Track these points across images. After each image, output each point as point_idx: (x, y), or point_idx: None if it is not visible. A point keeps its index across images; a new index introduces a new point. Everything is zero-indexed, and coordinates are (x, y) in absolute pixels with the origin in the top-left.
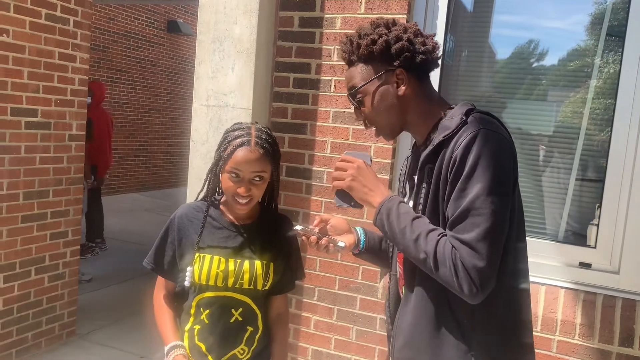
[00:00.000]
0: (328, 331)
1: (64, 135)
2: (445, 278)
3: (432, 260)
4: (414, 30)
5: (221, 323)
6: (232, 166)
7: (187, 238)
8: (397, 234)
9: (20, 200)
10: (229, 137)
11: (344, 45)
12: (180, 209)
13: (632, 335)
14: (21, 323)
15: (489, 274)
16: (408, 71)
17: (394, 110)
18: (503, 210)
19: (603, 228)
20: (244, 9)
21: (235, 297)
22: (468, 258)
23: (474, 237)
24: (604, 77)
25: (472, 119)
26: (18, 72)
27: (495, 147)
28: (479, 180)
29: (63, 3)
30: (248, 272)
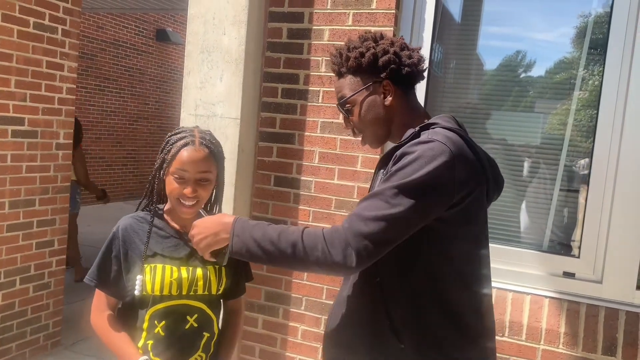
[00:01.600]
0: (315, 341)
1: (50, 144)
2: (317, 259)
3: (302, 248)
4: (401, 44)
5: (178, 332)
6: (177, 167)
7: (133, 250)
8: (258, 243)
9: (6, 209)
10: (171, 140)
11: (333, 57)
12: (123, 221)
13: (615, 344)
14: (5, 333)
15: (370, 249)
16: (394, 83)
17: (380, 119)
18: (410, 210)
19: (586, 237)
20: (232, 20)
21: (190, 304)
22: (357, 228)
23: (370, 215)
24: (589, 89)
25: (427, 131)
26: (5, 80)
27: (435, 157)
28: (403, 176)
29: (51, 12)
30: (202, 278)
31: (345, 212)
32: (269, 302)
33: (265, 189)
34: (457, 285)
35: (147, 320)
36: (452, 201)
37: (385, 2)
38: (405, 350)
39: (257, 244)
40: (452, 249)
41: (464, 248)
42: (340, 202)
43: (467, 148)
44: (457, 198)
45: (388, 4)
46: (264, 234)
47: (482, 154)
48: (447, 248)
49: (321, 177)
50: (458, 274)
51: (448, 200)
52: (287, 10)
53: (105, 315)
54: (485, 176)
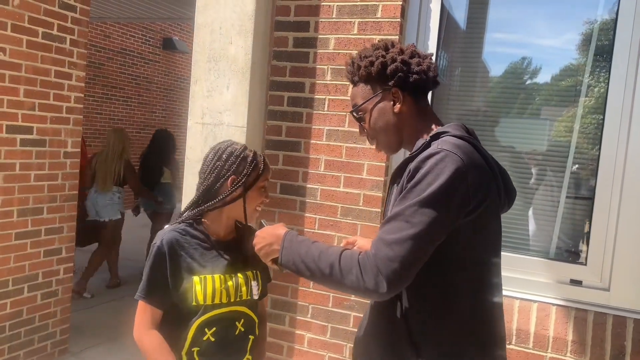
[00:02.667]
0: (322, 349)
1: (59, 152)
2: (352, 283)
3: (338, 269)
4: (411, 52)
5: (229, 338)
6: (264, 180)
7: (182, 264)
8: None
9: (15, 217)
10: (249, 157)
11: (347, 66)
12: (168, 235)
13: (623, 352)
14: (13, 341)
15: (399, 273)
16: (403, 90)
17: (391, 126)
18: (431, 224)
19: (593, 245)
20: (239, 29)
21: (237, 310)
22: (383, 253)
23: (393, 239)
24: (595, 95)
25: (437, 141)
26: (14, 89)
27: (446, 167)
28: (419, 192)
29: (60, 22)
30: (244, 284)
31: (351, 219)
32: (276, 309)
33: (271, 197)
34: (472, 294)
35: (194, 329)
36: (470, 207)
37: (390, 11)
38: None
39: (301, 260)
40: (466, 257)
41: (477, 256)
42: (346, 209)
43: (477, 155)
44: (473, 204)
45: (393, 12)
46: (307, 251)
47: (492, 162)
48: (462, 257)
49: (327, 184)
50: (472, 283)
51: (465, 206)
52: (293, 20)
53: (153, 333)
54: (496, 183)
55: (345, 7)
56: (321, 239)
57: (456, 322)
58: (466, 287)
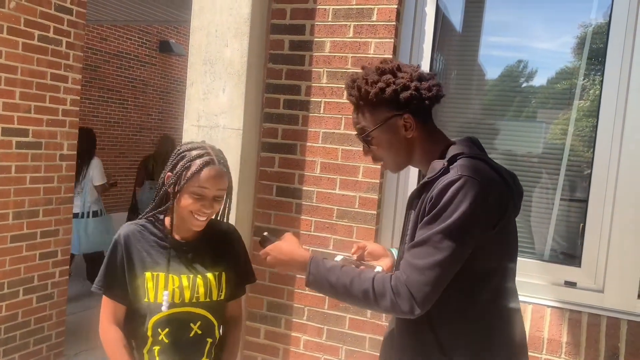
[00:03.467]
0: (318, 351)
1: (54, 155)
2: (386, 307)
3: (372, 295)
4: (418, 76)
5: (183, 339)
6: (198, 185)
7: (136, 258)
8: (332, 286)
9: (10, 220)
10: (188, 156)
11: (350, 89)
12: (125, 229)
13: (617, 354)
14: (8, 344)
15: (431, 296)
16: (415, 115)
17: (402, 150)
18: (457, 250)
19: (587, 247)
20: (235, 32)
21: (192, 312)
22: (415, 278)
23: (424, 264)
24: (590, 98)
25: (455, 165)
26: (10, 92)
27: (469, 193)
28: (445, 219)
29: (56, 25)
30: (202, 285)
31: (347, 222)
32: (271, 312)
33: (267, 199)
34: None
35: (150, 328)
36: (492, 224)
37: (385, 14)
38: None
39: (330, 287)
40: (489, 267)
41: (499, 264)
42: (342, 212)
43: (493, 173)
44: (495, 221)
45: (388, 16)
46: (337, 279)
47: (504, 173)
48: (486, 267)
49: (323, 187)
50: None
51: (489, 225)
52: (288, 23)
53: (112, 326)
54: (511, 193)
55: (340, 11)
56: (317, 241)
57: (483, 329)
58: (489, 294)
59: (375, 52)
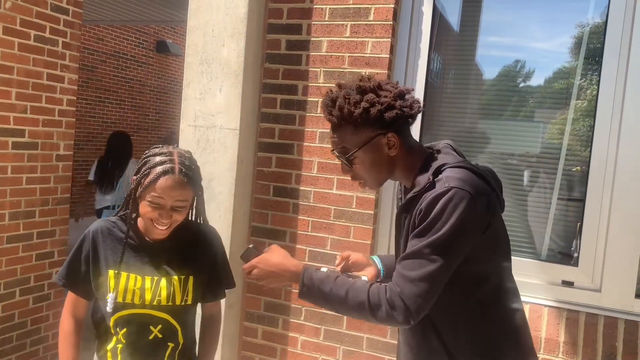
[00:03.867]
0: (315, 351)
1: (51, 155)
2: (381, 318)
3: (367, 307)
4: (399, 93)
5: (141, 341)
6: (153, 194)
7: (102, 254)
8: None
9: (6, 221)
10: (150, 163)
11: (330, 109)
12: (96, 224)
13: (615, 353)
14: (4, 345)
15: (425, 306)
16: (398, 134)
17: (384, 168)
18: (448, 260)
19: (584, 246)
20: (231, 32)
21: (153, 314)
22: (409, 290)
23: (416, 276)
24: (587, 98)
25: (441, 177)
26: (6, 92)
27: (458, 205)
28: (435, 231)
29: (52, 25)
30: (165, 288)
31: (344, 221)
32: (269, 312)
33: (264, 199)
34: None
35: (112, 326)
36: (482, 230)
37: (382, 14)
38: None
39: (324, 298)
40: (485, 269)
41: (494, 265)
42: (339, 211)
43: (477, 179)
44: (485, 226)
45: (385, 15)
46: (331, 290)
47: (485, 174)
48: (482, 270)
49: (320, 186)
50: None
51: (479, 232)
52: (285, 22)
53: (69, 319)
54: (496, 195)
55: (337, 10)
56: (314, 241)
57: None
58: (489, 295)
59: (372, 51)
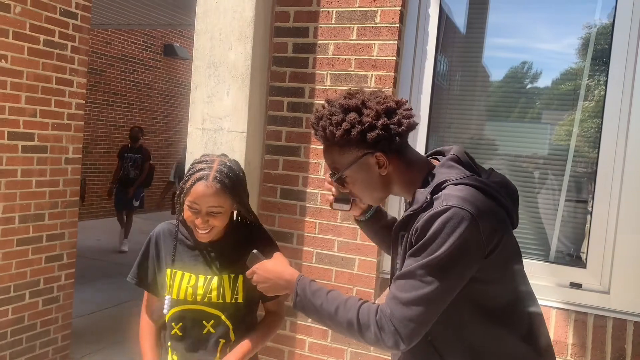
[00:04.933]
0: (322, 353)
1: (60, 158)
2: (370, 339)
3: (357, 326)
4: (386, 109)
5: (194, 335)
6: (189, 199)
7: (163, 254)
8: (317, 310)
9: (16, 224)
10: (191, 170)
11: (316, 129)
12: (159, 226)
13: (624, 355)
14: (14, 347)
15: (417, 331)
16: (387, 152)
17: (378, 187)
18: (444, 284)
19: (593, 248)
20: (238, 36)
21: (205, 310)
22: (400, 313)
23: (408, 298)
24: (595, 99)
25: (440, 195)
26: (16, 96)
27: (457, 226)
28: (430, 252)
29: (61, 29)
30: (216, 287)
31: (351, 224)
32: None
33: (271, 202)
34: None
35: (168, 321)
36: (487, 252)
37: (389, 16)
38: None
39: (315, 311)
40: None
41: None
42: (346, 214)
43: (482, 198)
44: (490, 248)
45: (392, 18)
46: (322, 304)
47: (494, 188)
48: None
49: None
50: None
51: (480, 257)
52: (292, 25)
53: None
54: (507, 212)
55: (344, 13)
56: (321, 243)
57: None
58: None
59: (378, 54)
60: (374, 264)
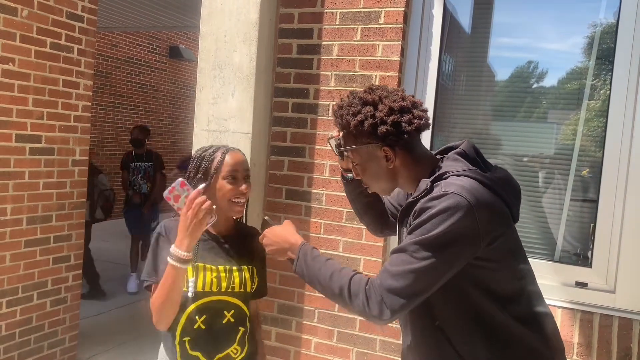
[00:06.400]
0: (329, 353)
1: (67, 160)
2: (357, 307)
3: (347, 292)
4: (400, 107)
5: (216, 326)
6: (228, 170)
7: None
8: (314, 274)
9: (24, 225)
10: (207, 155)
11: (335, 113)
12: (165, 223)
13: (630, 354)
14: (23, 348)
15: (401, 303)
16: (395, 147)
17: (384, 178)
18: (434, 263)
19: (598, 247)
20: (243, 37)
21: (228, 300)
22: (387, 284)
23: (397, 271)
24: (600, 98)
25: (440, 183)
26: (23, 99)
27: (453, 210)
28: (424, 231)
29: (68, 32)
30: (238, 276)
31: (356, 224)
32: (282, 314)
33: (276, 202)
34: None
35: (185, 318)
36: (480, 246)
37: (393, 17)
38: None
39: (312, 275)
40: (494, 279)
41: (506, 275)
42: (351, 214)
43: (482, 190)
44: (485, 242)
45: (396, 18)
46: (319, 269)
47: (497, 182)
48: (490, 279)
49: (332, 189)
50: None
51: (475, 247)
52: (296, 27)
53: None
54: (508, 207)
55: (348, 14)
56: (326, 244)
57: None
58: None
59: (383, 54)
60: (378, 264)
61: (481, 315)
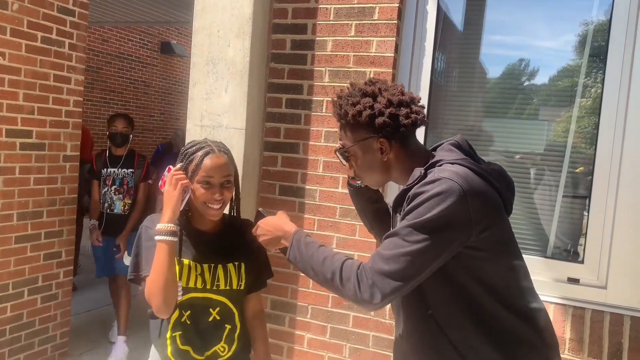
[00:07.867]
0: (321, 349)
1: (58, 156)
2: (348, 292)
3: (339, 277)
4: (398, 101)
5: (202, 323)
6: (203, 174)
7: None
8: (307, 260)
9: (14, 221)
10: (189, 152)
11: (334, 104)
12: (148, 220)
13: (621, 350)
14: (13, 344)
15: (393, 287)
16: (391, 140)
17: (378, 170)
18: (426, 246)
19: (590, 243)
20: (237, 32)
21: (212, 298)
22: (379, 267)
23: (389, 254)
24: (592, 96)
25: (433, 170)
26: (13, 94)
27: (446, 195)
28: (417, 215)
29: (59, 26)
30: (222, 274)
31: (350, 220)
32: (275, 310)
33: (270, 198)
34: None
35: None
36: (472, 233)
37: (387, 13)
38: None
39: (305, 260)
40: (487, 269)
41: (498, 266)
42: (345, 210)
43: (476, 178)
44: (477, 230)
45: (390, 14)
46: (312, 255)
47: (490, 173)
48: (483, 269)
49: (325, 185)
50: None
51: (467, 234)
52: (290, 22)
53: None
54: (501, 197)
55: (342, 10)
56: (320, 239)
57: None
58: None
59: (377, 50)
60: None
61: (473, 305)
